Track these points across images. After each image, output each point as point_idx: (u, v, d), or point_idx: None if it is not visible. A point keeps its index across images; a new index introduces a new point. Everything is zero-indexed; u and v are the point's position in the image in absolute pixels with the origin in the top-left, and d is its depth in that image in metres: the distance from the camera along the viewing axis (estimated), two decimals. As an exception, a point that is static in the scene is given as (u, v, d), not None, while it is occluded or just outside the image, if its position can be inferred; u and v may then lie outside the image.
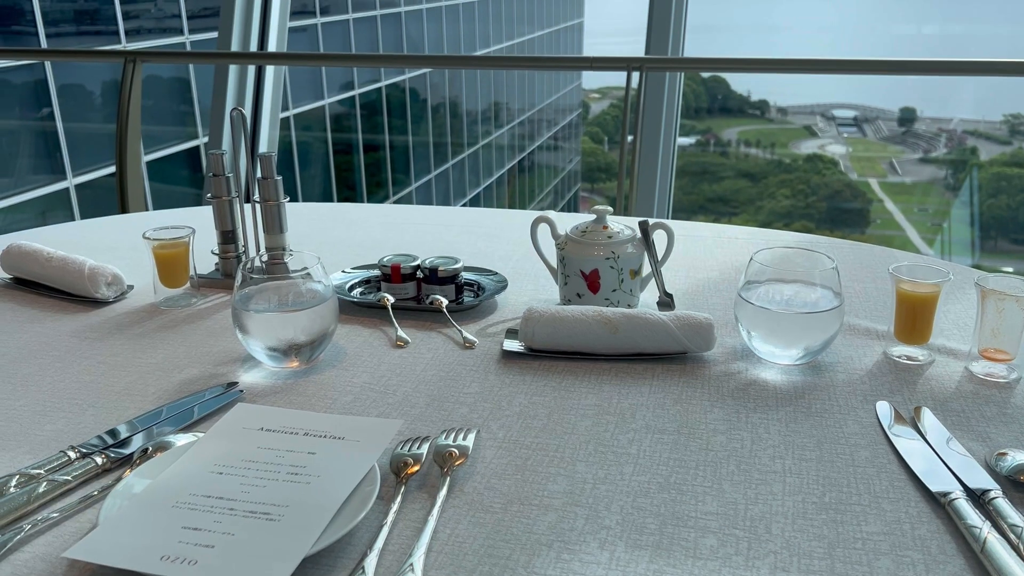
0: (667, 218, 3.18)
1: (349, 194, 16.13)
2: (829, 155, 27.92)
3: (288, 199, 1.43)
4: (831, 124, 29.10)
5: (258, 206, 1.42)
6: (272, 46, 3.90)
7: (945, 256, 24.52)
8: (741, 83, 27.93)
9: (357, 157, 16.47)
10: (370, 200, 16.43)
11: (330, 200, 15.29)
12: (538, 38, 25.16)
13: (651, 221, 1.35)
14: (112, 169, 9.87)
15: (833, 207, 25.18)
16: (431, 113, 19.10)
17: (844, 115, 28.80)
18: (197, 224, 1.43)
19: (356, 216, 1.96)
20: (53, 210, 10.01)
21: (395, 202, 17.25)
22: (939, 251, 22.93)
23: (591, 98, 29.11)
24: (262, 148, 4.28)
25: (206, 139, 11.68)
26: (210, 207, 1.44)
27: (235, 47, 3.69)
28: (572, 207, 25.71)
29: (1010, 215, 24.34)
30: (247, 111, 3.76)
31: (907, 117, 28.04)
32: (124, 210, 2.78)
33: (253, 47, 3.79)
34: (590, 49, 29.93)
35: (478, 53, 20.51)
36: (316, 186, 15.32)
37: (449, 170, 19.49)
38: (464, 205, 20.21)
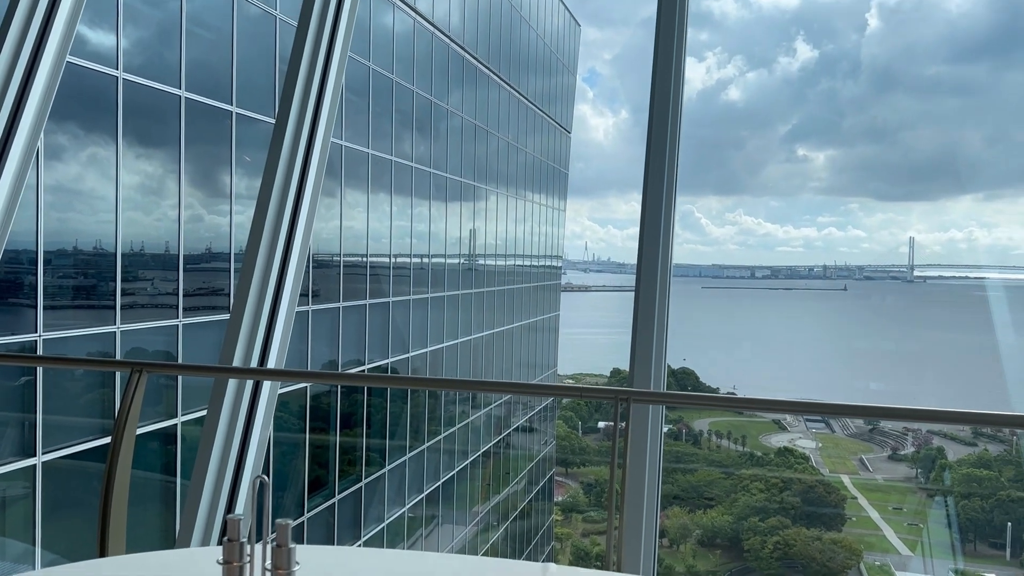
0: (655, 550, 3.16)
1: (320, 472, 15.81)
2: (800, 450, 28.22)
3: (299, 565, 1.44)
4: (799, 419, 29.75)
5: (268, 573, 1.42)
6: (275, 349, 4.07)
7: (927, 559, 23.91)
8: (711, 377, 28.90)
9: (333, 436, 16.39)
10: (341, 481, 16.11)
11: (300, 476, 14.97)
12: (517, 327, 26.34)
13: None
14: (81, 448, 9.65)
15: (808, 503, 24.94)
16: (410, 392, 19.38)
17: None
18: (178, 570, 1.41)
19: (358, 567, 1.94)
20: (14, 482, 9.67)
21: (368, 483, 16.92)
22: (920, 553, 22.41)
23: (565, 383, 29.76)
24: (255, 441, 4.29)
25: (184, 418, 11.68)
26: (193, 550, 1.44)
27: (239, 355, 3.85)
28: (547, 493, 25.28)
29: (985, 517, 24.13)
30: (243, 412, 3.84)
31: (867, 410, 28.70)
32: (104, 535, 2.64)
33: (257, 350, 3.96)
34: (564, 340, 31.38)
35: (474, 379, 21.40)
36: (287, 463, 15.06)
37: (425, 452, 19.35)
38: (438, 487, 19.81)
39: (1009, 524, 23.01)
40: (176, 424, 11.70)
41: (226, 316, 12.93)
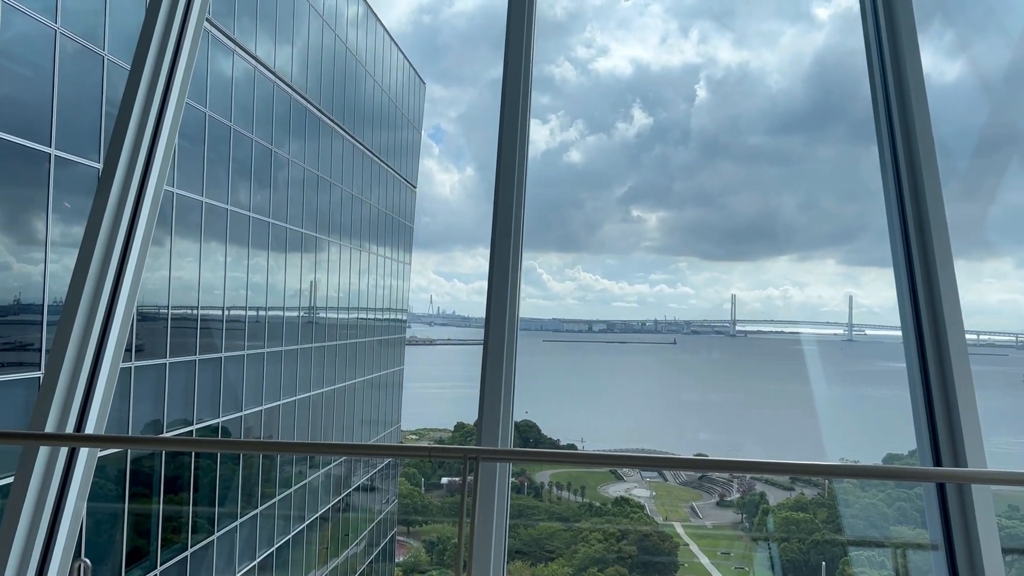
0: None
1: (140, 542, 14.58)
2: (635, 499, 29.22)
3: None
4: (634, 469, 30.94)
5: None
6: (95, 411, 3.73)
7: (753, 603, 25.12)
8: (552, 429, 29.43)
9: (156, 502, 15.21)
10: (164, 551, 14.93)
11: (118, 547, 13.73)
12: (360, 383, 25.76)
13: None
14: None
15: (644, 551, 25.69)
16: (243, 453, 18.37)
17: (647, 460, 30.79)
18: None
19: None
20: None
21: (195, 552, 15.78)
22: (746, 596, 23.53)
23: (409, 439, 29.34)
24: (68, 514, 3.89)
25: (-18, 488, 10.47)
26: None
27: (52, 418, 3.49)
28: (388, 554, 24.55)
29: (803, 558, 25.80)
30: (55, 482, 3.47)
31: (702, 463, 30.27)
32: None
33: (75, 412, 3.61)
34: (408, 394, 31.03)
35: (313, 441, 20.59)
36: (102, 533, 13.80)
37: (258, 516, 18.33)
38: (272, 553, 18.79)
39: (823, 563, 24.69)
40: (-29, 496, 10.46)
41: (35, 373, 11.84)
